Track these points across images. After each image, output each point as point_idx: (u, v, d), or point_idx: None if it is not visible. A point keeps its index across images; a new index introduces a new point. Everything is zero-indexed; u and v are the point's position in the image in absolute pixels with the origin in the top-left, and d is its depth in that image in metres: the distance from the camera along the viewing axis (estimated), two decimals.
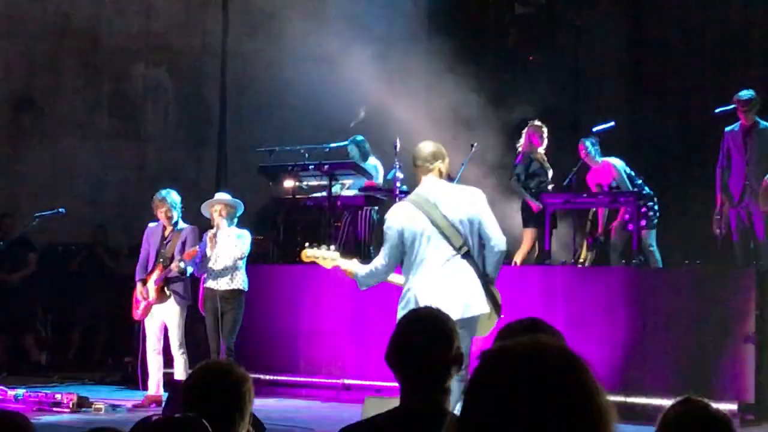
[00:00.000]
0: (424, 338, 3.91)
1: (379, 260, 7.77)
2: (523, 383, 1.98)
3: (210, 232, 11.14)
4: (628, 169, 12.50)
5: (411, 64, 15.54)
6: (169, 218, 11.40)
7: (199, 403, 3.88)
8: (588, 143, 12.50)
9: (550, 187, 12.89)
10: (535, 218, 12.82)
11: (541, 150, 13.04)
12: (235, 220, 11.32)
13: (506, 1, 16.93)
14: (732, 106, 11.44)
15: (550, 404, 1.96)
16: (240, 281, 11.17)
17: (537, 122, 13.23)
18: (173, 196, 11.51)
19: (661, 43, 15.12)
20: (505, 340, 2.13)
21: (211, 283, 11.13)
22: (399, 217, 7.64)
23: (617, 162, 12.49)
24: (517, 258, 12.75)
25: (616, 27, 15.43)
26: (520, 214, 13.00)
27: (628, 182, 12.37)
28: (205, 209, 11.25)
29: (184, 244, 11.27)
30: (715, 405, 3.50)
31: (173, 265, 11.20)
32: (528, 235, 12.90)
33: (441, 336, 3.92)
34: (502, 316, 7.73)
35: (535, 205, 12.63)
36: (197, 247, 11.11)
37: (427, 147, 7.83)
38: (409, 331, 3.97)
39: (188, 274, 11.36)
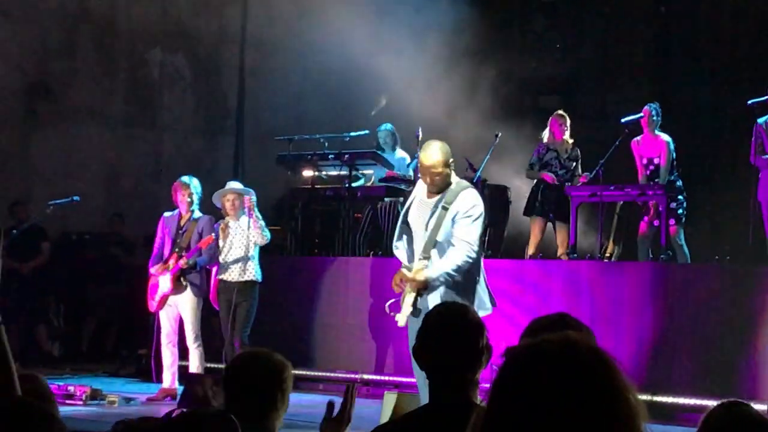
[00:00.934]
0: (452, 331, 3.97)
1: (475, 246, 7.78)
2: (552, 381, 1.96)
3: (222, 223, 11.12)
4: (674, 154, 12.43)
5: (434, 52, 15.48)
6: (189, 203, 11.35)
7: (244, 389, 4.11)
8: (654, 110, 12.40)
9: (580, 179, 12.80)
10: (546, 208, 12.78)
11: (566, 139, 12.96)
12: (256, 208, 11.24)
13: None
14: (766, 97, 11.35)
15: (580, 402, 1.95)
16: (253, 272, 11.15)
17: (559, 111, 13.17)
18: (196, 183, 11.50)
19: (690, 32, 15.02)
20: (533, 336, 2.11)
21: (223, 275, 11.12)
22: None
23: (670, 140, 12.42)
24: (531, 250, 12.71)
25: (644, 15, 15.34)
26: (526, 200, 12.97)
27: (671, 165, 12.31)
28: (216, 199, 11.22)
29: (200, 234, 11.24)
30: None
31: (182, 261, 11.16)
32: (536, 224, 12.84)
33: (468, 329, 3.95)
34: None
35: (549, 176, 12.61)
36: (212, 234, 11.09)
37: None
38: (436, 325, 4.01)
39: (198, 267, 11.32)
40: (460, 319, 4.02)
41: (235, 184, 11.38)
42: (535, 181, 13.00)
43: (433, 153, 7.78)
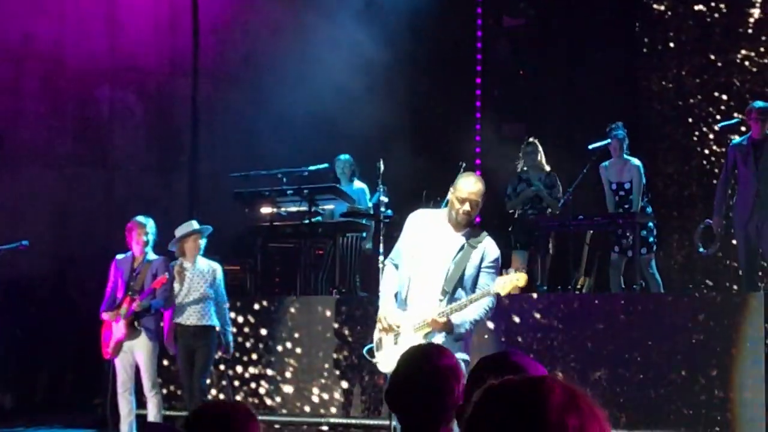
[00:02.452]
0: (424, 374, 3.85)
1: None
2: (520, 420, 1.95)
3: (177, 265, 11.00)
4: (644, 179, 12.42)
5: (394, 81, 15.45)
6: (146, 243, 11.23)
7: None
8: (620, 133, 12.39)
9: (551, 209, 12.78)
10: (527, 241, 12.76)
11: (540, 166, 12.95)
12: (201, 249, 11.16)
13: (494, 13, 16.84)
14: (735, 120, 11.36)
15: None
16: (211, 317, 11.03)
17: (530, 140, 13.17)
18: (151, 223, 11.39)
19: (659, 56, 15.04)
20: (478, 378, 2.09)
21: (180, 319, 11.00)
22: None
23: (640, 165, 12.40)
24: None
25: (612, 40, 15.35)
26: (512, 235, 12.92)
27: (642, 189, 12.30)
28: (174, 245, 11.08)
29: (155, 275, 11.10)
30: None
31: (135, 304, 11.01)
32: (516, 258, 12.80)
33: (441, 372, 3.83)
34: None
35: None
36: (166, 274, 10.96)
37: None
38: (408, 367, 3.89)
39: (153, 310, 11.18)
40: (433, 362, 3.89)
41: (194, 224, 11.23)
42: (517, 213, 12.98)
43: (477, 181, 7.58)
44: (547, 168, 13.01)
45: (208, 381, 11.15)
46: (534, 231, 12.72)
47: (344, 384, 11.88)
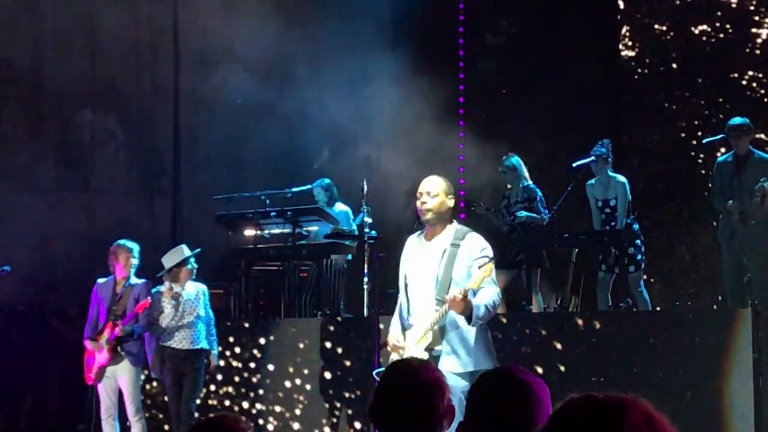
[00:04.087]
0: (408, 390, 3.75)
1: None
2: None
3: (165, 289, 10.91)
4: (630, 196, 12.40)
5: (378, 100, 15.40)
6: (129, 266, 11.15)
7: None
8: (605, 150, 12.37)
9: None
10: (510, 260, 12.72)
11: (511, 183, 12.96)
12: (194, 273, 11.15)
13: (476, 32, 16.82)
14: (721, 136, 11.35)
15: None
16: (201, 340, 10.98)
17: (505, 158, 13.15)
18: (137, 249, 11.31)
19: (641, 73, 15.04)
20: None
21: (172, 342, 10.92)
22: None
23: (626, 181, 12.39)
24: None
25: (593, 57, 15.35)
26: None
27: (627, 207, 12.27)
28: (172, 263, 11.00)
29: (137, 300, 11.03)
30: None
31: (117, 329, 10.93)
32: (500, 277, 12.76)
33: (425, 388, 3.74)
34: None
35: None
36: (149, 299, 10.89)
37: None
38: (391, 383, 3.81)
39: (135, 335, 11.09)
40: (416, 377, 3.80)
41: (186, 250, 11.14)
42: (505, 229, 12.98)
43: (433, 179, 7.69)
44: (527, 181, 12.99)
45: (197, 403, 11.06)
46: (521, 250, 12.68)
47: (330, 404, 11.80)
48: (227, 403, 12.35)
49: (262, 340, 12.38)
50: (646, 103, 15.02)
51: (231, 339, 12.47)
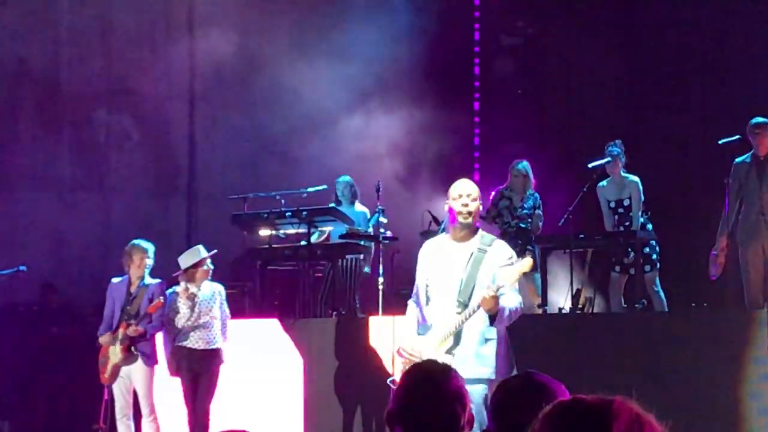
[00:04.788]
0: (428, 397, 3.69)
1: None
2: None
3: (182, 289, 10.90)
4: (643, 196, 12.36)
5: (394, 102, 15.40)
6: (144, 267, 11.13)
7: None
8: (618, 150, 12.33)
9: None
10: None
11: (525, 187, 12.92)
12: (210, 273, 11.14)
13: (491, 33, 16.78)
14: (736, 137, 11.26)
15: None
16: (217, 340, 10.96)
17: (516, 163, 13.09)
18: (152, 249, 11.28)
19: (657, 73, 14.97)
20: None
21: (188, 343, 10.91)
22: None
23: (638, 181, 12.35)
24: None
25: (610, 56, 15.29)
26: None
27: (641, 206, 12.25)
28: (188, 263, 10.97)
29: (151, 300, 11.01)
30: None
31: (130, 330, 10.91)
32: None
33: (446, 396, 3.69)
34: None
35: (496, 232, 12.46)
36: (161, 299, 10.87)
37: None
38: (411, 389, 3.76)
39: (149, 335, 11.07)
40: (439, 385, 3.72)
41: (203, 250, 11.12)
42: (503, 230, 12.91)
43: (471, 183, 7.66)
44: (531, 189, 12.96)
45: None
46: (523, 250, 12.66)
47: (344, 405, 11.78)
48: (243, 400, 12.33)
49: (276, 339, 12.36)
50: (665, 95, 14.93)
51: (244, 338, 12.46)
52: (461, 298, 7.33)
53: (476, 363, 7.24)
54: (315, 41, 16.05)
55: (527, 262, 7.20)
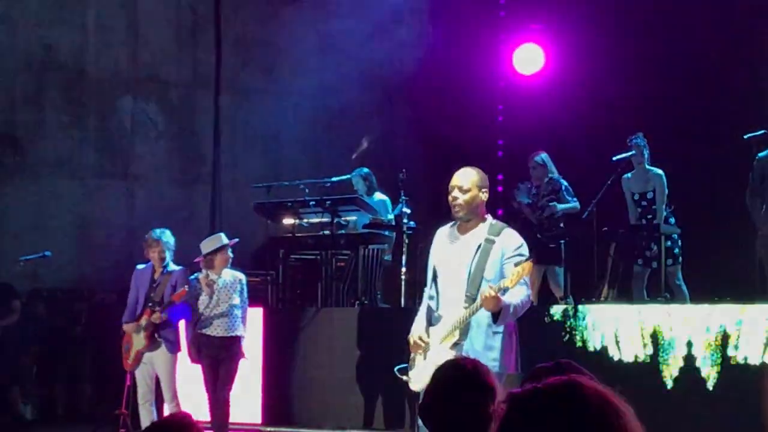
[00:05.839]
0: (462, 392, 3.73)
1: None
2: (559, 424, 1.93)
3: (203, 276, 10.93)
4: (667, 189, 12.36)
5: (413, 90, 15.40)
6: (162, 259, 11.18)
7: None
8: (641, 143, 12.34)
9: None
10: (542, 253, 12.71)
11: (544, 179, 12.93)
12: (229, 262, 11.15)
13: (517, 20, 16.74)
14: (762, 132, 11.25)
15: None
16: (237, 327, 10.98)
17: (536, 156, 13.10)
18: (167, 237, 11.29)
19: (682, 62, 14.92)
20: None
21: (207, 330, 10.93)
22: None
23: (662, 174, 12.36)
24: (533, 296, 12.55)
25: (631, 45, 15.24)
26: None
27: (665, 199, 12.25)
28: (202, 258, 11.01)
29: (174, 287, 11.04)
30: None
31: (154, 316, 10.95)
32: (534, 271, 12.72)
33: (480, 391, 3.72)
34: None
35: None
36: (186, 287, 10.90)
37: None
38: (445, 383, 3.79)
39: (173, 322, 11.10)
40: (469, 378, 3.76)
41: (224, 238, 11.15)
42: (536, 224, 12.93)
43: (465, 172, 7.43)
44: (551, 174, 12.96)
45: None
46: (551, 243, 12.66)
47: (366, 395, 11.81)
48: (266, 388, 12.37)
49: (298, 328, 12.40)
50: (689, 88, 14.89)
51: (267, 327, 12.50)
52: (469, 292, 7.17)
53: (483, 356, 6.92)
54: (339, 33, 16.05)
55: (527, 266, 6.98)
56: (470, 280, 7.21)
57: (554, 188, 12.89)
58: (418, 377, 7.28)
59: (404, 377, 7.51)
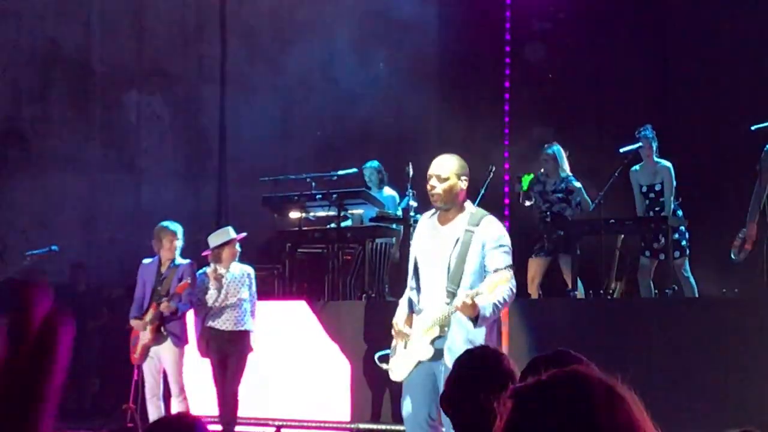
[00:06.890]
0: (486, 381, 3.73)
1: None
2: (564, 417, 1.91)
3: (210, 270, 10.93)
4: (675, 181, 12.35)
5: (421, 83, 15.38)
6: (173, 248, 11.16)
7: None
8: (649, 135, 12.32)
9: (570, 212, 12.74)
10: (538, 246, 12.70)
11: (557, 172, 12.87)
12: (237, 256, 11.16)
13: (523, 18, 16.72)
14: None
15: None
16: (246, 321, 10.98)
17: (548, 146, 13.06)
18: (180, 228, 11.31)
19: (689, 54, 14.91)
20: (534, 373, 2.07)
21: (215, 323, 10.94)
22: None
23: (671, 166, 12.35)
24: (533, 289, 12.53)
25: (639, 39, 15.23)
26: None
27: (673, 191, 12.24)
28: (210, 252, 11.00)
29: (180, 280, 11.05)
30: None
31: (162, 306, 10.94)
32: (532, 264, 12.70)
33: (504, 379, 3.72)
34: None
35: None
36: (189, 279, 10.90)
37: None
38: (469, 372, 3.79)
39: (179, 313, 11.09)
40: (489, 368, 3.78)
41: (232, 232, 11.16)
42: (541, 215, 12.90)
43: (443, 160, 7.32)
44: (565, 172, 12.87)
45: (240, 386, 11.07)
46: (558, 234, 12.64)
47: (374, 389, 11.80)
48: (272, 382, 12.38)
49: (305, 322, 12.40)
50: (695, 79, 14.87)
51: (274, 320, 12.50)
52: (450, 287, 7.08)
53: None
54: (346, 26, 16.05)
55: (505, 277, 6.90)
56: (450, 275, 7.11)
57: (568, 188, 12.81)
58: (398, 366, 7.27)
59: (384, 365, 7.51)
